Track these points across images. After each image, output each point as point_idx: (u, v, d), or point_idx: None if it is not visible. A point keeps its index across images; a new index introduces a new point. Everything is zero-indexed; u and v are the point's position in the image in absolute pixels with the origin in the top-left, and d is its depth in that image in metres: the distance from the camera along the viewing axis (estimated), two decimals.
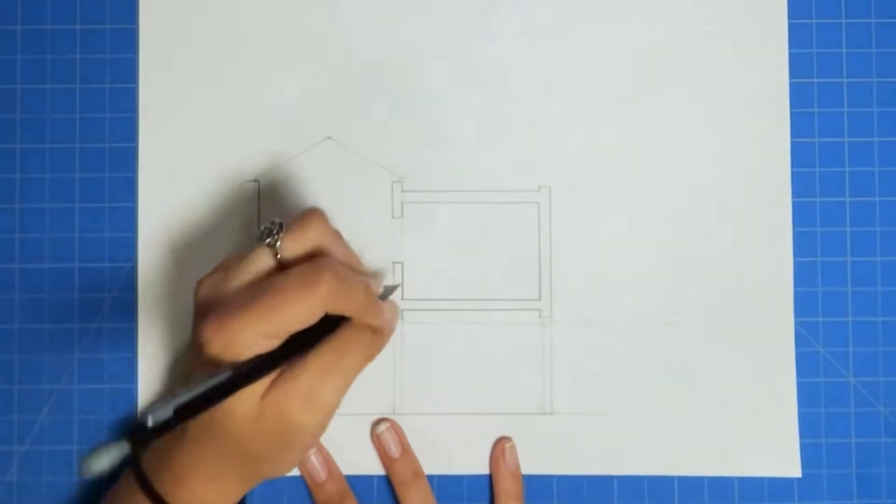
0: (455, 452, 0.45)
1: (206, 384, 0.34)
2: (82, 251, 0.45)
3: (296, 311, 0.36)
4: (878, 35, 0.46)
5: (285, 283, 0.36)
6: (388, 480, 0.44)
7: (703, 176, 0.46)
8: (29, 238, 0.45)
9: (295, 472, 0.44)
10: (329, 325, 0.38)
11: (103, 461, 0.28)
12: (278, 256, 0.38)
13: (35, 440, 0.45)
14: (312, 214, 0.39)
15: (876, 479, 0.45)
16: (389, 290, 0.42)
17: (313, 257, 0.38)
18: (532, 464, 0.45)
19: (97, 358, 0.45)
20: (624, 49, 0.46)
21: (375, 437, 0.44)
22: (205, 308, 0.38)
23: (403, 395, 0.45)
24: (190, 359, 0.40)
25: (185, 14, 0.46)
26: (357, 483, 0.45)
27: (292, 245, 0.38)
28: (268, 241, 0.38)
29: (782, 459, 0.45)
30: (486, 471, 0.45)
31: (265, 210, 0.45)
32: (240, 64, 0.46)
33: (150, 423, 0.30)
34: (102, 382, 0.45)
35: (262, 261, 0.38)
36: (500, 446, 0.44)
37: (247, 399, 0.36)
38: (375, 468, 0.45)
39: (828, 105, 0.46)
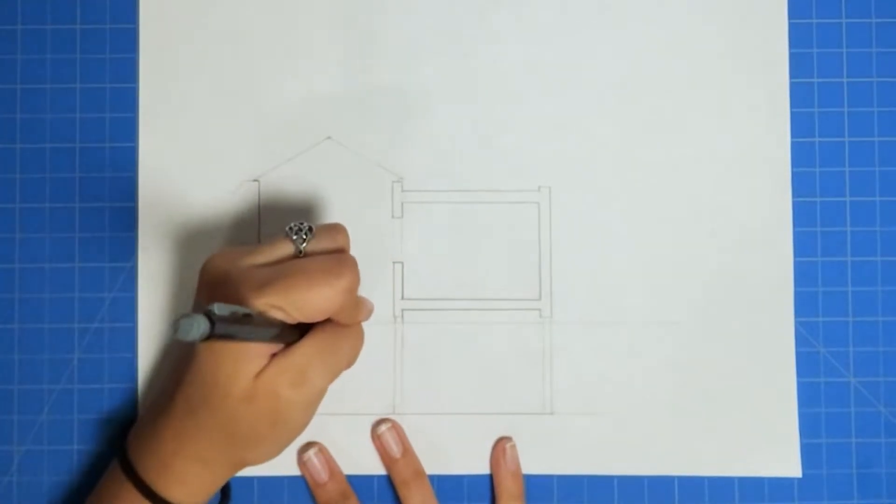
0: (455, 452, 0.45)
1: (243, 310, 0.33)
2: (83, 251, 0.45)
3: (318, 295, 0.36)
4: (878, 35, 0.46)
5: (310, 266, 0.37)
6: (389, 480, 0.45)
7: (703, 176, 0.46)
8: (29, 238, 0.45)
9: (296, 471, 0.44)
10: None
11: (192, 329, 0.28)
12: (301, 255, 0.38)
13: (35, 440, 0.45)
14: (341, 227, 0.40)
15: (876, 479, 0.45)
16: None
17: None
18: (532, 464, 0.45)
19: (97, 358, 0.45)
20: (623, 49, 0.46)
21: (376, 438, 0.44)
22: (210, 284, 0.38)
23: (403, 395, 0.45)
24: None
25: (185, 14, 0.46)
26: (358, 483, 0.44)
27: (317, 249, 0.38)
28: (295, 237, 0.38)
29: (782, 459, 0.45)
30: (486, 471, 0.45)
31: (265, 210, 0.45)
32: (240, 64, 0.46)
33: (216, 310, 0.30)
34: (102, 382, 0.45)
35: (284, 251, 0.38)
36: (501, 446, 0.44)
37: (242, 377, 0.36)
38: (377, 468, 0.45)
39: (828, 105, 0.46)
